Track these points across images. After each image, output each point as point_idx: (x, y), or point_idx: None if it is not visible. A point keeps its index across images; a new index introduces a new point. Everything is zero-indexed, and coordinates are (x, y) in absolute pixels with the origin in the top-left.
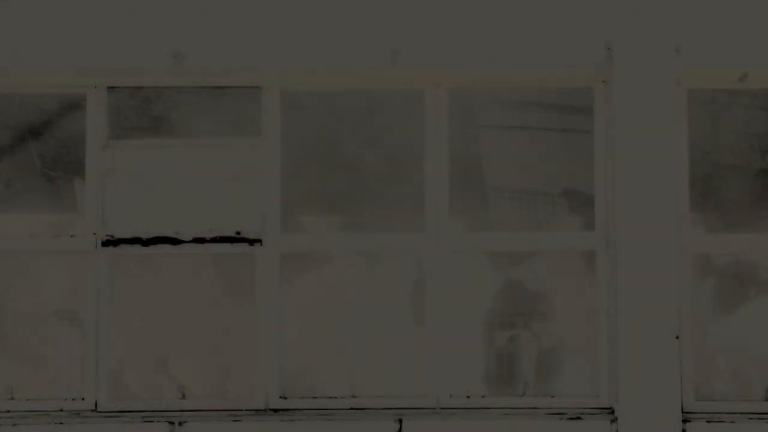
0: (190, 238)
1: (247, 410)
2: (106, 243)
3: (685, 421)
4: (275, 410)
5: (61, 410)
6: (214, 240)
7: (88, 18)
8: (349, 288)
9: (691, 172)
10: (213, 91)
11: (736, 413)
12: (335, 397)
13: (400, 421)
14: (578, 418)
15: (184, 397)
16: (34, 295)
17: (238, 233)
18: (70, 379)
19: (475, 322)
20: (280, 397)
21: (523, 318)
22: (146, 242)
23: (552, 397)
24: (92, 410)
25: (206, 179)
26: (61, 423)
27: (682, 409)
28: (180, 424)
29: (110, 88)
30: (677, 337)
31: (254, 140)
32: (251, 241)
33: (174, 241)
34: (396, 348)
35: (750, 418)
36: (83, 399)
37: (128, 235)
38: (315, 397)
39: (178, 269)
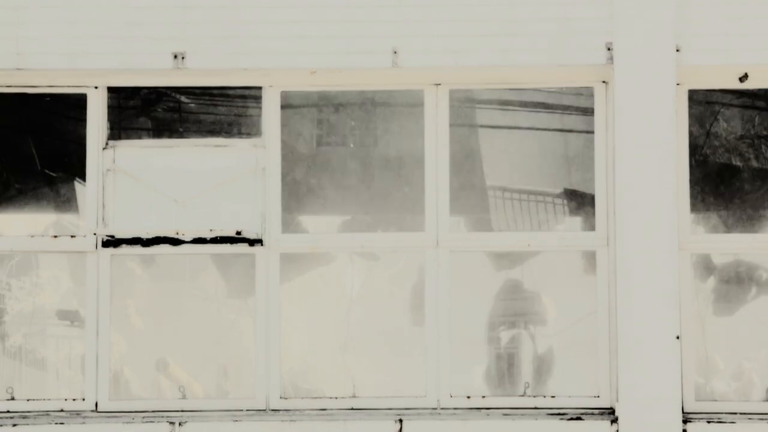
0: (190, 238)
1: (247, 410)
2: (106, 243)
3: (685, 421)
4: (275, 410)
5: (62, 410)
6: (214, 240)
7: (89, 18)
8: (349, 288)
9: (691, 172)
10: (213, 91)
11: (736, 413)
12: (335, 397)
13: (401, 421)
14: (578, 418)
15: (184, 397)
16: (34, 295)
17: (238, 233)
18: (71, 379)
19: (475, 322)
20: (280, 397)
21: (523, 318)
22: (146, 242)
23: (552, 397)
24: (93, 410)
25: (206, 179)
26: (62, 423)
27: (682, 409)
28: (180, 424)
29: (110, 88)
30: (677, 337)
31: (254, 140)
32: (251, 241)
33: (174, 241)
34: (396, 348)
35: (750, 419)
36: (83, 399)
37: (128, 235)
38: (315, 397)
39: (178, 269)
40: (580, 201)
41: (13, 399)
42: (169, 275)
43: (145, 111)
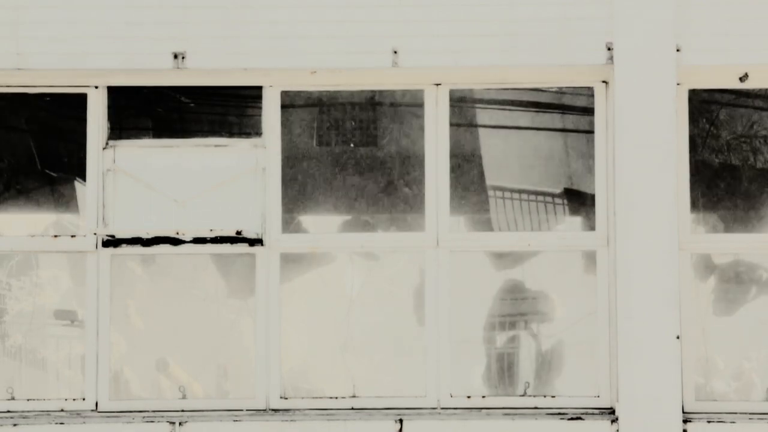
0: (191, 238)
1: (247, 410)
2: (106, 243)
3: (685, 421)
4: (275, 410)
5: (62, 410)
6: (214, 240)
7: (89, 18)
8: (349, 288)
9: (691, 171)
10: (213, 91)
11: (736, 413)
12: (335, 397)
13: (401, 421)
14: (579, 418)
15: (184, 397)
16: (35, 295)
17: (238, 233)
18: (71, 379)
19: (475, 322)
20: (281, 397)
21: (524, 318)
22: (146, 242)
23: (552, 397)
24: (93, 410)
25: (206, 179)
26: (62, 423)
27: (682, 409)
28: (180, 424)
29: (110, 88)
30: (677, 337)
31: (254, 140)
32: (251, 241)
33: (174, 241)
34: (396, 348)
35: (750, 418)
36: (84, 399)
37: (128, 235)
38: (315, 397)
39: (178, 269)
40: (580, 201)
41: (13, 399)
42: (169, 275)
43: (145, 111)
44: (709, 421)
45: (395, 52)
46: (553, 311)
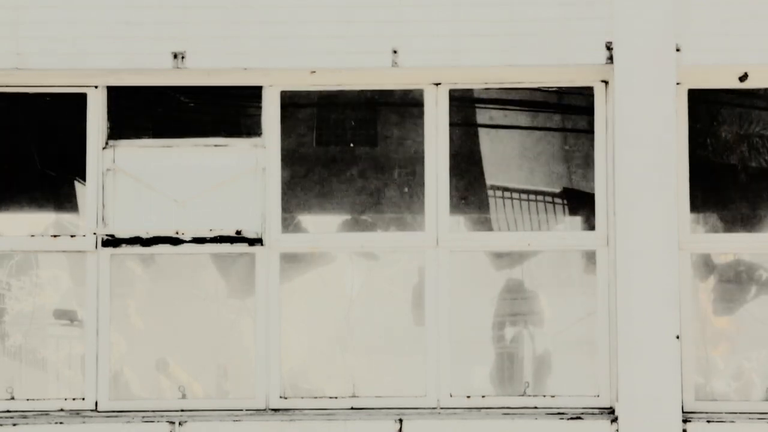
0: (190, 238)
1: (247, 410)
2: (106, 243)
3: (685, 421)
4: (275, 410)
5: (62, 410)
6: (214, 240)
7: (89, 18)
8: (349, 288)
9: (691, 171)
10: (213, 91)
11: (736, 413)
12: (335, 397)
13: (401, 421)
14: (578, 418)
15: (184, 397)
16: (34, 295)
17: (238, 233)
18: (71, 379)
19: (475, 322)
20: (280, 397)
21: (523, 318)
22: (146, 242)
23: (552, 397)
24: (92, 410)
25: (206, 179)
26: (62, 423)
27: (682, 408)
28: (180, 424)
29: (110, 88)
30: (677, 337)
31: (254, 140)
32: (251, 241)
33: (174, 241)
34: (396, 348)
35: (750, 418)
36: (83, 399)
37: (128, 235)
38: (315, 397)
39: (178, 269)
40: (580, 201)
41: (13, 399)
42: (169, 275)
43: (145, 111)
44: (708, 421)
45: (395, 52)
46: (553, 311)
